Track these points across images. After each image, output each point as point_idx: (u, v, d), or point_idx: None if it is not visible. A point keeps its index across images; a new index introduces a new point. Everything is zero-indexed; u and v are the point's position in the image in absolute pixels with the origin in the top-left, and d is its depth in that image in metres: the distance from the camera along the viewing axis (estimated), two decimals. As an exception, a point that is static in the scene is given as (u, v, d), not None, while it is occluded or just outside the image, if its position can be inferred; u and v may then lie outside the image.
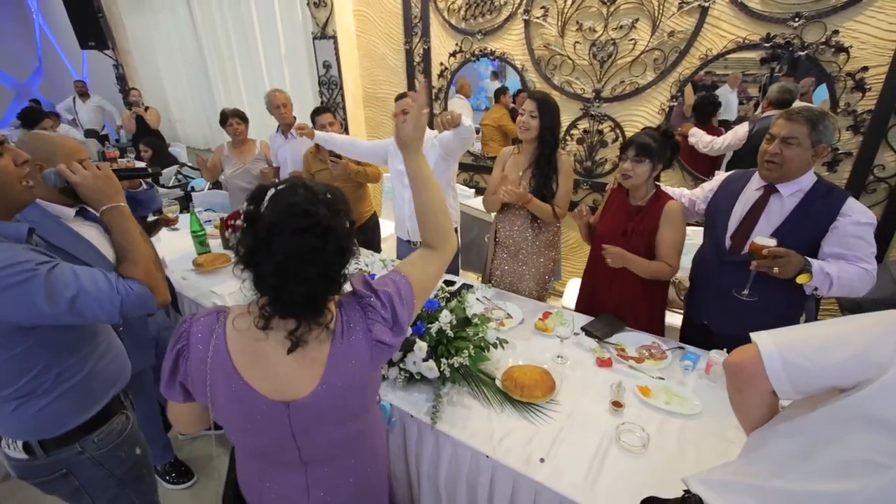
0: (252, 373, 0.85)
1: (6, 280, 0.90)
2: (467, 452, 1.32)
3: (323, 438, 0.92)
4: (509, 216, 2.16)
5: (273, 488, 0.98)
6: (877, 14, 2.04)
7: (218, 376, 0.85)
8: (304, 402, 0.85)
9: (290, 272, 0.77)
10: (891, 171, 2.22)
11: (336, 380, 0.86)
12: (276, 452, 0.93)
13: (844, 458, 0.68)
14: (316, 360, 0.85)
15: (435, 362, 1.45)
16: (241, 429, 0.89)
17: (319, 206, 0.78)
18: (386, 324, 0.89)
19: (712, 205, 1.76)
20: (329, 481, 0.98)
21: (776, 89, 2.38)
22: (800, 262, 1.41)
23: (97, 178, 1.16)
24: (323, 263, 0.79)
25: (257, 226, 0.77)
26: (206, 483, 2.10)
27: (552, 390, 1.46)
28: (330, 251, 0.78)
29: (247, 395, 0.84)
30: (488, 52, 3.15)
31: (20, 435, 1.10)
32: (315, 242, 0.76)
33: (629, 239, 1.80)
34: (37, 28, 7.31)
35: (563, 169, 2.02)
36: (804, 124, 1.43)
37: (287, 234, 0.76)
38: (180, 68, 5.62)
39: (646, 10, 2.52)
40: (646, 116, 2.76)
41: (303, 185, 0.80)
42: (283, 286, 0.79)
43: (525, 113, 1.95)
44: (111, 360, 1.22)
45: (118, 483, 1.24)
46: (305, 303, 0.81)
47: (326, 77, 3.90)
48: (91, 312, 1.01)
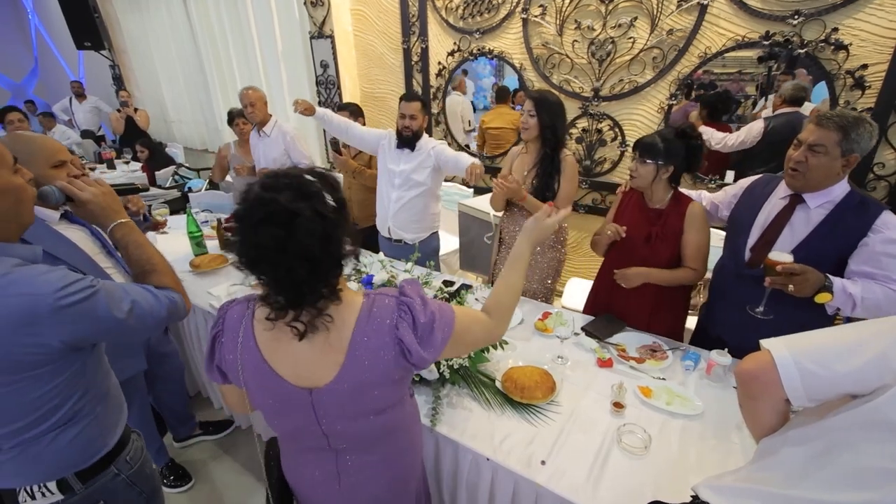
0: (276, 358, 0.86)
1: (73, 297, 0.87)
2: (468, 455, 1.31)
3: (349, 428, 0.92)
4: (514, 216, 2.15)
5: (308, 472, 1.00)
6: (876, 11, 2.03)
7: (248, 361, 0.87)
8: (326, 390, 0.86)
9: (263, 265, 0.76)
10: (891, 168, 2.21)
11: (356, 370, 0.85)
12: (307, 437, 0.94)
13: (861, 467, 0.66)
14: (337, 349, 0.84)
15: (434, 364, 1.43)
16: (273, 411, 0.92)
17: (281, 192, 0.74)
18: (414, 331, 0.85)
19: (735, 212, 1.64)
20: (359, 471, 0.98)
21: (790, 87, 2.35)
22: (818, 280, 1.29)
23: (105, 195, 1.12)
24: (296, 251, 0.74)
25: (238, 223, 0.77)
26: (203, 486, 2.08)
27: (552, 391, 1.44)
28: (300, 237, 0.73)
29: (273, 380, 0.86)
30: (486, 51, 3.14)
31: (55, 473, 1.00)
32: (276, 231, 0.72)
33: (653, 244, 1.71)
34: (32, 29, 7.28)
35: (567, 170, 1.99)
36: (835, 131, 1.29)
37: (250, 227, 0.74)
38: (177, 68, 5.60)
39: (644, 9, 2.51)
40: (645, 115, 2.75)
41: (276, 173, 0.78)
42: (268, 279, 0.78)
43: (524, 112, 1.94)
44: (115, 382, 1.18)
45: (146, 500, 1.19)
46: (293, 293, 0.79)
47: (324, 77, 3.88)
48: (144, 323, 1.00)
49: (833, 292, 1.30)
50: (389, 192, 2.46)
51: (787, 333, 0.76)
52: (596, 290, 2.00)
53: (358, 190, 2.89)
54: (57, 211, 1.28)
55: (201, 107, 5.59)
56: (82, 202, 1.10)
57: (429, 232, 2.59)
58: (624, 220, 1.80)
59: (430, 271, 1.78)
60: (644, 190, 1.72)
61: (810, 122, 1.36)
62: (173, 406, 2.16)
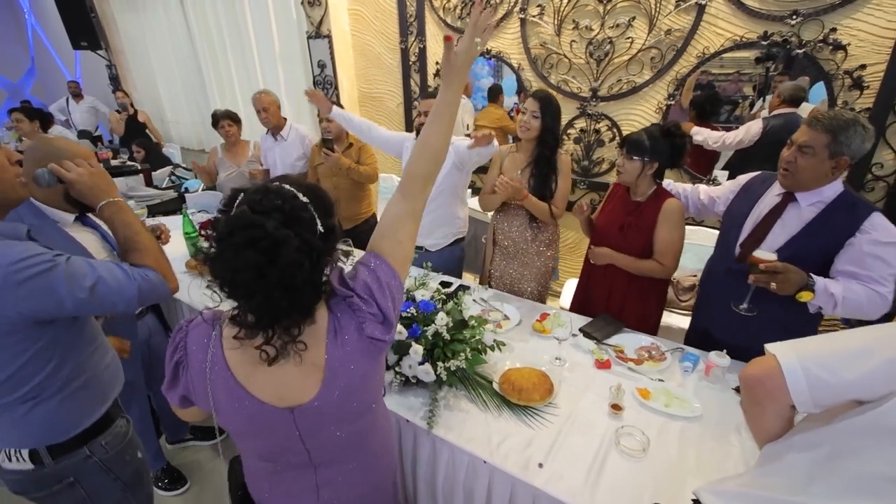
0: (253, 381, 0.83)
1: (28, 271, 0.90)
2: (464, 457, 1.30)
3: (331, 439, 0.91)
4: (508, 216, 2.14)
5: (282, 488, 0.97)
6: (875, 11, 2.03)
7: (219, 386, 0.83)
8: (309, 407, 0.84)
9: (240, 289, 0.73)
10: (889, 169, 2.21)
11: (337, 381, 0.84)
12: (285, 456, 0.92)
13: (867, 473, 0.65)
14: (315, 364, 0.83)
15: (431, 365, 1.42)
16: (247, 434, 0.89)
17: (270, 215, 0.71)
18: (375, 318, 0.85)
19: (731, 207, 1.67)
20: (339, 482, 0.97)
21: (791, 87, 2.35)
22: (800, 279, 1.32)
23: (92, 174, 1.17)
24: (277, 279, 0.71)
25: (217, 242, 0.73)
26: (199, 490, 2.07)
27: (550, 393, 1.43)
28: (282, 266, 0.70)
29: (251, 404, 0.83)
30: (484, 50, 3.13)
31: (27, 442, 1.06)
32: (258, 259, 0.69)
33: (626, 234, 1.79)
34: (29, 28, 7.25)
35: (563, 169, 2.00)
36: (823, 133, 1.31)
37: (231, 248, 0.70)
38: (174, 68, 5.58)
39: (642, 9, 2.50)
40: (643, 115, 2.75)
41: (267, 189, 0.75)
42: (242, 300, 0.75)
43: (527, 112, 1.93)
44: (108, 363, 1.22)
45: (122, 488, 1.22)
46: (268, 318, 0.76)
47: (321, 77, 3.87)
48: (110, 301, 1.02)
49: (815, 291, 1.32)
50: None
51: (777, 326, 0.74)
52: (580, 282, 2.10)
53: (347, 188, 2.86)
54: (71, 214, 1.34)
55: (198, 107, 5.57)
56: (69, 182, 1.15)
57: (452, 239, 2.40)
58: (608, 210, 1.92)
59: (427, 272, 1.76)
60: (630, 184, 1.80)
61: (805, 122, 1.38)
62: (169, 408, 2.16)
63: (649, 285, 1.86)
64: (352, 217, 2.94)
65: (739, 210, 1.61)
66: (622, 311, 1.87)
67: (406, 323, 1.47)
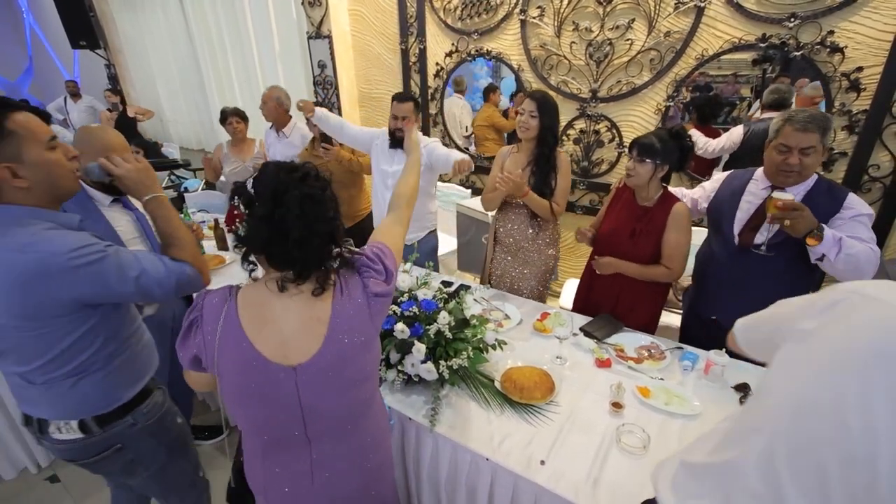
0: (260, 338, 0.89)
1: (83, 259, 0.99)
2: (467, 455, 1.31)
3: (330, 407, 0.95)
4: (509, 214, 2.15)
5: (276, 473, 0.99)
6: (872, 14, 2.05)
7: (228, 343, 0.89)
8: (311, 364, 0.90)
9: (310, 218, 0.85)
10: (886, 170, 2.23)
11: (340, 337, 0.91)
12: (282, 426, 0.94)
13: (729, 430, 0.80)
14: (320, 320, 0.91)
15: (433, 364, 1.43)
16: (248, 397, 0.91)
17: (298, 167, 0.88)
18: (379, 276, 0.98)
19: (715, 204, 1.76)
20: (334, 461, 0.99)
21: (767, 92, 2.39)
22: (812, 221, 1.42)
23: (139, 170, 1.25)
24: (328, 199, 0.88)
25: (260, 203, 0.84)
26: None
27: (551, 391, 1.45)
28: (326, 188, 0.89)
29: (256, 360, 0.88)
30: (484, 51, 3.15)
31: (76, 414, 1.14)
32: (315, 185, 0.87)
33: (636, 240, 1.78)
34: (27, 27, 7.23)
35: (562, 167, 2.02)
36: (818, 132, 1.46)
37: (291, 187, 0.84)
38: (173, 68, 5.58)
39: (642, 11, 2.52)
40: (642, 116, 2.76)
41: (289, 164, 0.89)
42: (307, 239, 0.85)
43: (525, 112, 1.94)
44: (145, 343, 1.31)
45: (167, 451, 1.32)
46: (312, 258, 0.89)
47: (321, 77, 3.88)
48: (150, 291, 1.10)
49: (823, 235, 1.42)
50: (384, 193, 2.46)
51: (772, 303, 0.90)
52: (582, 282, 2.10)
53: (345, 187, 2.87)
54: (108, 196, 1.52)
55: (197, 107, 5.57)
56: (117, 176, 1.24)
57: (426, 231, 2.59)
58: (614, 216, 1.90)
59: (428, 272, 1.77)
60: (640, 188, 1.77)
61: (787, 125, 1.49)
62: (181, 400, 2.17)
63: (655, 288, 1.86)
64: (351, 215, 2.96)
65: (726, 203, 1.72)
66: (630, 314, 1.86)
67: (408, 322, 1.48)
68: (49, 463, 2.21)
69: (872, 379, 0.60)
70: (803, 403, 0.66)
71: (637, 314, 1.87)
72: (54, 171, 1.05)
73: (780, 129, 1.51)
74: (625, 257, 1.80)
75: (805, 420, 0.65)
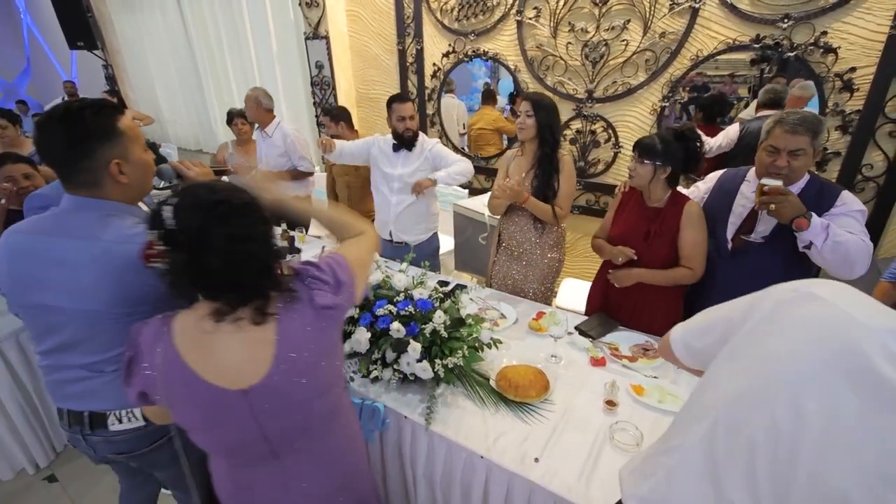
0: (205, 365, 0.85)
1: None
2: (462, 453, 1.32)
3: (291, 423, 0.92)
4: (513, 218, 2.14)
5: (248, 490, 0.96)
6: (864, 15, 2.06)
7: (173, 378, 0.85)
8: (262, 385, 0.86)
9: (237, 259, 0.80)
10: (879, 170, 2.25)
11: (289, 356, 0.87)
12: (245, 447, 0.91)
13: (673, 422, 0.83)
14: (265, 341, 0.86)
15: (429, 363, 1.44)
16: (205, 426, 0.89)
17: (220, 192, 0.82)
18: (328, 288, 0.93)
19: (709, 205, 1.76)
20: (309, 471, 0.97)
21: (763, 91, 2.40)
22: (800, 208, 1.43)
23: (206, 174, 1.36)
24: (257, 234, 0.83)
25: (182, 236, 0.78)
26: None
27: (546, 390, 1.46)
28: (255, 222, 0.83)
29: (205, 390, 0.85)
30: (481, 52, 3.16)
31: None
32: (241, 222, 0.81)
33: (651, 242, 1.75)
34: (24, 28, 7.23)
35: (565, 169, 2.00)
36: (807, 135, 1.46)
37: (217, 220, 0.78)
38: (171, 68, 5.58)
39: (637, 12, 2.54)
40: (638, 117, 2.78)
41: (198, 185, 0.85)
42: (236, 276, 0.81)
43: (521, 114, 1.95)
44: None
45: None
46: (260, 277, 0.85)
47: (319, 77, 3.88)
48: None
49: (811, 220, 1.42)
50: (389, 197, 2.47)
51: None
52: (595, 287, 2.05)
53: (358, 187, 2.90)
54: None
55: (195, 107, 5.57)
56: (189, 178, 1.35)
57: (430, 233, 2.61)
58: (623, 219, 1.86)
59: (425, 272, 1.78)
60: (642, 189, 1.77)
61: (777, 127, 1.49)
62: None
63: (670, 294, 1.81)
64: (362, 214, 2.96)
65: (719, 206, 1.72)
66: (650, 320, 1.81)
67: (404, 321, 1.49)
68: (48, 463, 2.21)
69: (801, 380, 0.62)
70: (742, 393, 0.69)
71: (657, 319, 1.79)
72: (148, 170, 1.14)
73: (770, 130, 1.52)
74: (640, 261, 1.76)
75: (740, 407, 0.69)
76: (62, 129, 0.99)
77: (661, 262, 1.74)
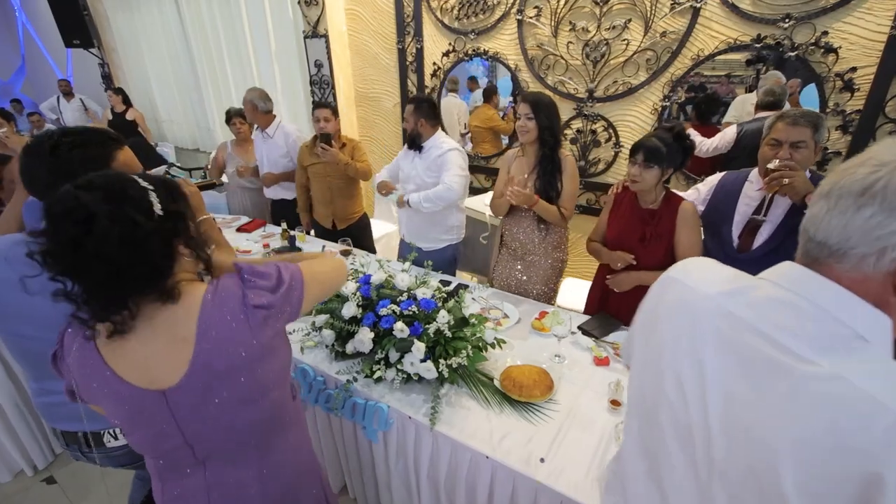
0: (122, 364, 0.81)
1: None
2: (466, 453, 1.31)
3: (217, 429, 0.86)
4: (516, 218, 2.13)
5: (175, 495, 0.92)
6: (865, 15, 2.07)
7: (93, 375, 0.81)
8: (180, 387, 0.81)
9: (61, 261, 0.71)
10: (879, 170, 2.25)
11: (210, 358, 0.81)
12: (169, 450, 0.87)
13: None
14: (185, 339, 0.80)
15: (433, 363, 1.44)
16: (130, 423, 0.85)
17: (92, 191, 0.72)
18: (266, 287, 0.86)
19: (712, 207, 1.78)
20: (232, 482, 0.92)
21: (761, 93, 2.40)
22: (808, 182, 1.44)
23: (197, 194, 1.29)
24: (94, 249, 0.70)
25: (44, 216, 0.72)
26: None
27: (551, 389, 1.45)
28: (96, 238, 0.70)
29: (122, 387, 0.81)
30: (481, 51, 3.15)
31: None
32: (73, 229, 0.69)
33: (647, 244, 1.75)
34: (20, 26, 7.17)
35: (568, 169, 1.99)
36: (809, 127, 1.48)
37: (50, 219, 0.71)
38: (168, 67, 5.54)
39: (638, 11, 2.54)
40: (639, 116, 2.78)
41: (104, 173, 0.77)
42: (69, 277, 0.73)
43: (521, 116, 1.94)
44: None
45: None
46: (95, 293, 0.75)
47: (318, 76, 3.87)
48: None
49: None
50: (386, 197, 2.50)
51: None
52: (594, 288, 2.05)
53: (340, 188, 2.85)
54: None
55: (193, 107, 5.54)
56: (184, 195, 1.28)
57: (444, 244, 2.49)
58: (618, 221, 1.86)
59: (427, 271, 1.78)
60: (646, 193, 1.74)
61: (780, 121, 1.53)
62: None
63: None
64: (346, 217, 2.95)
65: (723, 207, 1.73)
66: None
67: (408, 321, 1.49)
68: (46, 465, 2.19)
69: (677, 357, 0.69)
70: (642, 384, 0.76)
71: None
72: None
73: (772, 125, 1.55)
74: (637, 263, 1.77)
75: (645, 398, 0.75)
76: None
77: (657, 263, 1.74)
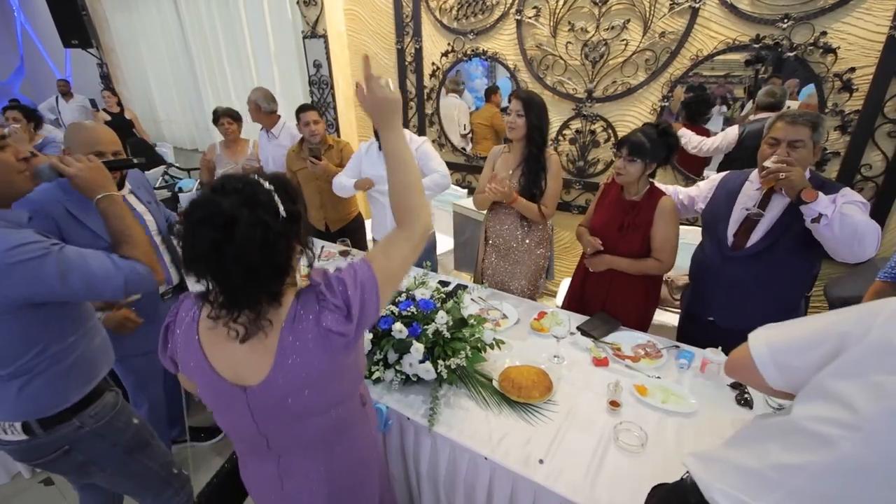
0: (215, 354, 0.87)
1: (22, 255, 0.97)
2: (465, 454, 1.31)
3: (288, 431, 0.92)
4: (499, 215, 2.16)
5: (251, 470, 1.01)
6: (864, 15, 2.07)
7: (191, 356, 0.88)
8: (258, 390, 0.86)
9: (201, 265, 0.76)
10: (877, 170, 2.25)
11: (287, 370, 0.84)
12: (246, 437, 0.94)
13: (795, 436, 0.71)
14: (268, 348, 0.84)
15: (432, 364, 1.43)
16: (214, 406, 0.93)
17: (228, 196, 0.74)
18: (339, 311, 0.84)
19: (711, 205, 1.79)
20: (302, 475, 0.97)
21: (762, 94, 2.41)
22: (805, 178, 1.44)
23: (90, 169, 1.24)
24: (233, 256, 0.73)
25: (183, 221, 0.77)
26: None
27: (549, 390, 1.45)
28: (237, 243, 0.73)
29: (212, 376, 0.87)
30: (480, 52, 3.15)
31: (20, 416, 1.13)
32: (213, 234, 0.72)
33: (625, 233, 1.83)
34: (18, 26, 7.16)
35: (552, 168, 2.02)
36: (807, 126, 1.49)
37: (190, 225, 0.75)
38: (167, 67, 5.54)
39: (637, 11, 2.53)
40: (637, 116, 2.78)
41: (231, 175, 0.79)
42: (208, 279, 0.79)
43: (512, 112, 1.95)
44: (99, 342, 1.29)
45: (124, 451, 1.31)
46: (231, 295, 0.79)
47: (317, 76, 3.86)
48: (97, 289, 1.10)
49: (818, 195, 1.42)
50: (381, 199, 2.47)
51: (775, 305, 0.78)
52: (574, 280, 2.12)
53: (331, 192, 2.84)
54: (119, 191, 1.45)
55: (191, 107, 5.53)
56: (69, 176, 1.21)
57: None
58: (603, 210, 1.94)
59: (426, 271, 1.78)
60: (630, 185, 1.81)
61: (779, 121, 1.53)
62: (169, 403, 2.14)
63: (647, 284, 1.89)
64: (339, 219, 2.95)
65: (722, 206, 1.74)
66: (621, 311, 1.90)
67: (406, 322, 1.48)
68: (43, 466, 2.19)
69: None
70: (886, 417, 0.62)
71: (628, 311, 1.90)
72: (1, 170, 1.05)
73: (772, 124, 1.56)
74: (614, 251, 1.85)
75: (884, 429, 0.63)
76: None
77: (634, 252, 1.83)
